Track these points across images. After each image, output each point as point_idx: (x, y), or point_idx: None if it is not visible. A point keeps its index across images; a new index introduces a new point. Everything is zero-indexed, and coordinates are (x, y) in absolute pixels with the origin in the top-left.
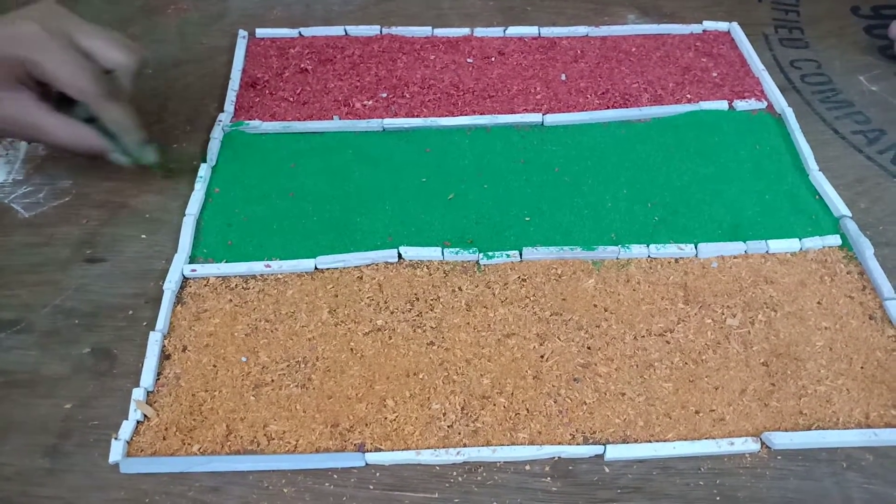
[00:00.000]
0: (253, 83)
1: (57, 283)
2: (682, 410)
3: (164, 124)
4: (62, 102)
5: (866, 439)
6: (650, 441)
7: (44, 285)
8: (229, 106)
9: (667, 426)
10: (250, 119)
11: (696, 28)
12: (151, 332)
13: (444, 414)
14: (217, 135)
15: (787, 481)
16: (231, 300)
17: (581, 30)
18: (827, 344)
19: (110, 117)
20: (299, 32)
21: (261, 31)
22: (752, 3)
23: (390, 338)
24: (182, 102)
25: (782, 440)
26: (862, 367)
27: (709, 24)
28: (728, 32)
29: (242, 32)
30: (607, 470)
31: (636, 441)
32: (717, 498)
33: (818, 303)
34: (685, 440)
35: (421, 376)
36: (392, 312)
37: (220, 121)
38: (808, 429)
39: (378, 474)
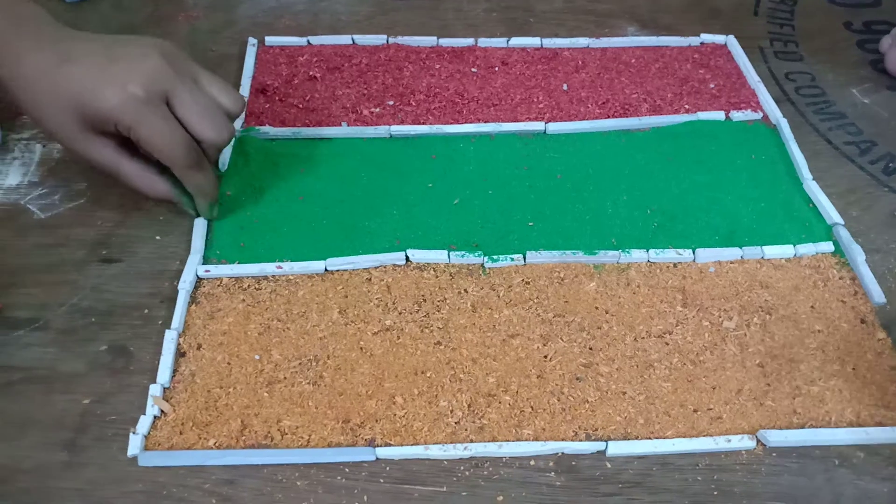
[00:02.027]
0: (263, 90)
1: (73, 282)
2: (680, 409)
3: None
4: None
5: (857, 438)
6: (650, 438)
7: (60, 285)
8: None
9: (666, 424)
10: (261, 125)
11: (693, 41)
12: (167, 331)
13: (452, 411)
14: None
15: (781, 477)
16: (244, 300)
17: (582, 41)
18: (820, 346)
19: (192, 184)
20: (308, 41)
21: (270, 40)
22: (749, 17)
23: (398, 337)
24: None
25: (777, 438)
26: (853, 369)
27: (706, 37)
28: (725, 45)
29: (252, 40)
30: (609, 465)
31: (637, 438)
32: (715, 492)
33: (811, 307)
34: (684, 437)
35: (429, 374)
36: (400, 313)
37: None
38: (802, 427)
39: (388, 468)
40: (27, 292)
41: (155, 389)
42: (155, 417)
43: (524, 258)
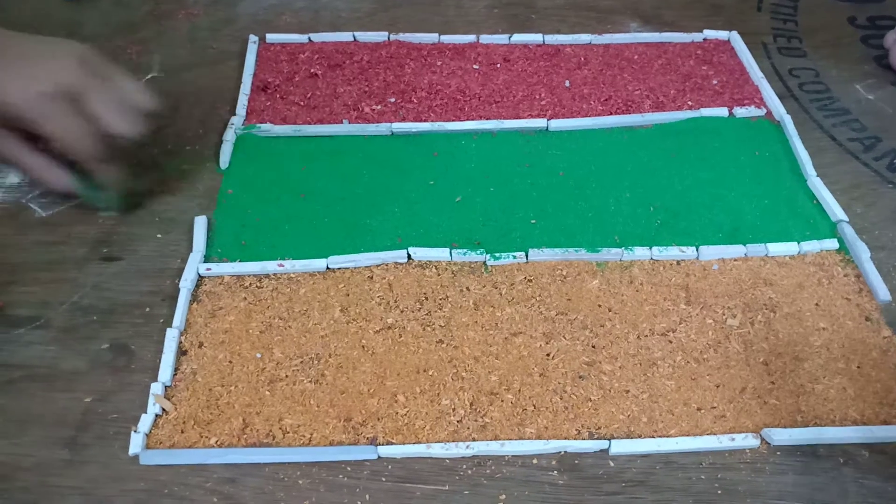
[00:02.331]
0: (264, 87)
1: (74, 280)
2: (684, 407)
3: (176, 127)
4: None
5: (862, 435)
6: (653, 436)
7: (61, 283)
8: (241, 109)
9: (669, 422)
10: (262, 122)
11: (696, 37)
12: (168, 329)
13: (454, 409)
14: (229, 137)
15: (785, 476)
16: (245, 298)
17: (584, 38)
18: (825, 344)
19: (100, 176)
20: (309, 38)
21: (271, 37)
22: (752, 13)
23: (400, 336)
24: (194, 106)
25: (781, 436)
26: (858, 367)
27: (709, 33)
28: (728, 41)
29: (253, 37)
30: (612, 464)
31: (640, 436)
32: (719, 491)
33: (816, 304)
34: (687, 436)
35: (431, 373)
36: (402, 311)
37: (233, 124)
38: (807, 426)
39: (390, 467)
40: (28, 290)
41: (156, 388)
42: (156, 416)
43: (526, 256)
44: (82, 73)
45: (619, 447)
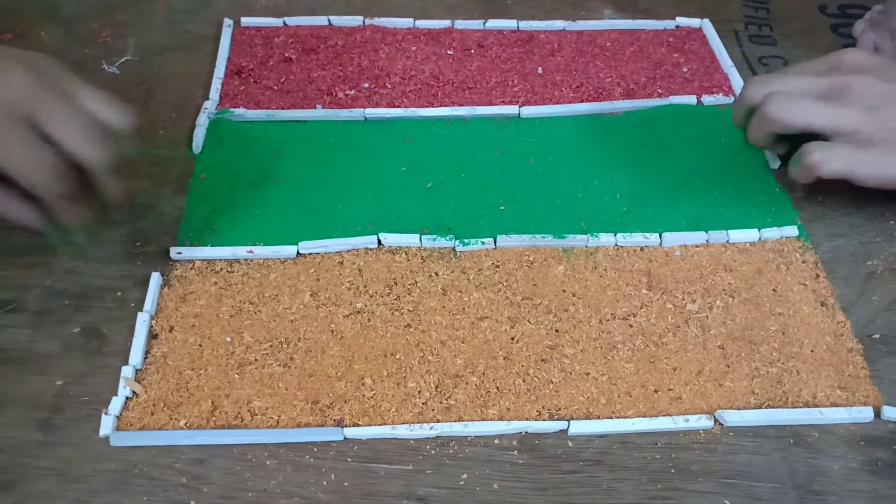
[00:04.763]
0: (238, 71)
1: (47, 265)
2: (641, 389)
3: (150, 111)
4: None
5: (812, 417)
6: (611, 417)
7: (35, 267)
8: (214, 94)
9: (627, 404)
10: (235, 107)
11: (669, 24)
12: (139, 313)
13: (420, 392)
14: (202, 122)
15: (737, 455)
16: (216, 283)
17: (558, 24)
18: (780, 328)
19: (64, 214)
20: (284, 22)
21: (246, 20)
22: (725, 0)
23: (369, 320)
24: (168, 90)
25: (734, 418)
26: (812, 351)
27: (682, 21)
28: (700, 29)
29: (228, 21)
30: (571, 444)
31: (598, 417)
32: (672, 470)
33: (773, 290)
34: (644, 417)
35: (398, 356)
36: (371, 296)
37: (206, 108)
38: (759, 407)
39: (356, 447)
40: (2, 274)
41: (127, 371)
42: (127, 398)
43: (495, 242)
44: (37, 88)
45: (578, 428)
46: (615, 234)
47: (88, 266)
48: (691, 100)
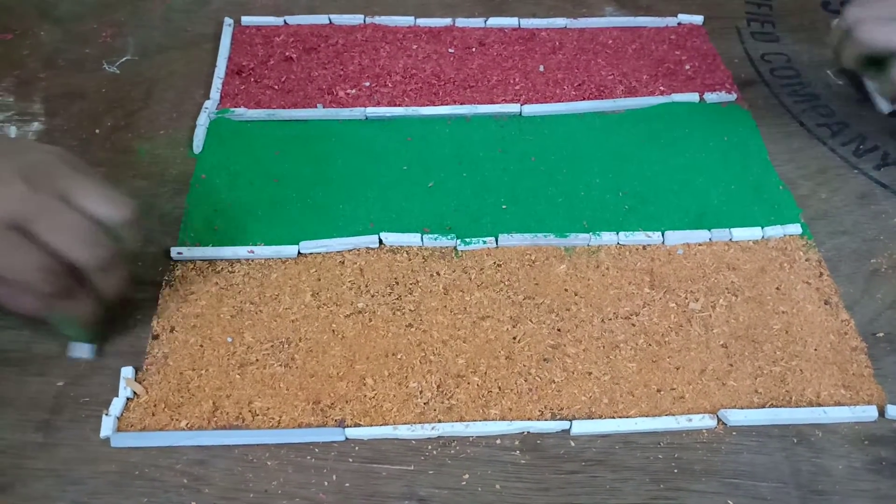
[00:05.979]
0: (238, 71)
1: None
2: (644, 389)
3: (149, 111)
4: None
5: (816, 417)
6: (614, 417)
7: None
8: (215, 93)
9: (630, 403)
10: (236, 106)
11: (671, 21)
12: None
13: (421, 392)
14: (203, 122)
15: (740, 455)
16: (217, 283)
17: (560, 21)
18: (783, 327)
19: (58, 314)
20: (284, 21)
21: (246, 19)
22: None
23: (370, 320)
24: (167, 89)
25: (737, 417)
26: (815, 349)
27: (683, 18)
28: (702, 26)
29: (228, 20)
30: (573, 444)
31: (601, 417)
32: (675, 470)
33: (777, 288)
34: (647, 416)
35: (399, 356)
36: (372, 296)
37: (206, 108)
38: (763, 407)
39: (357, 448)
40: None
41: (127, 371)
42: (128, 399)
43: (496, 241)
44: (27, 194)
45: (580, 427)
46: (617, 233)
47: None
48: (693, 97)
